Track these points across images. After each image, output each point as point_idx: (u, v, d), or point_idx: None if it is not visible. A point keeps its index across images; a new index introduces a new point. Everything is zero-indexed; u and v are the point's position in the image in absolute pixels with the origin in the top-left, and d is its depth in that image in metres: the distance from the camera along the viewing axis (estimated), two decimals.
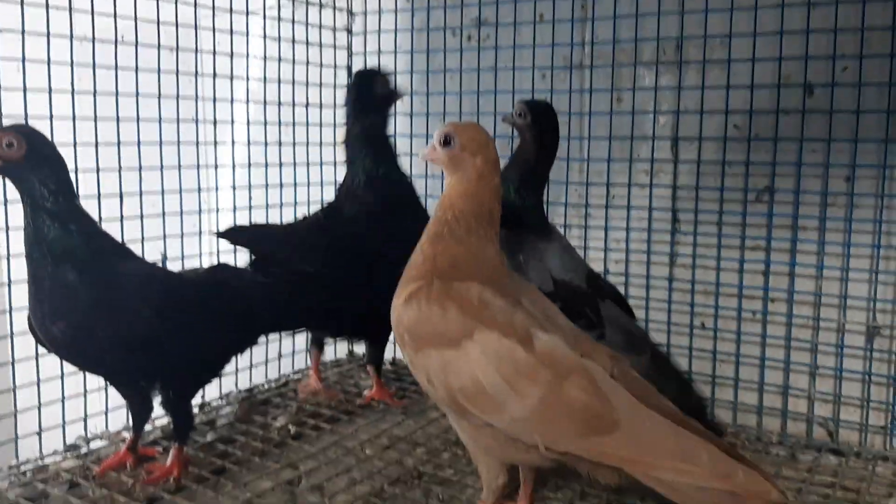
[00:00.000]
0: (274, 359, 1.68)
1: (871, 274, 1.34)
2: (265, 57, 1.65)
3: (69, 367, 1.23)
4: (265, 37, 1.65)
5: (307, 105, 1.74)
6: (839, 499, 1.12)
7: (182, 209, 1.48)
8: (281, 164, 1.69)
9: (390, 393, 1.52)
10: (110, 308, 1.07)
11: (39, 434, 1.27)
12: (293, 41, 1.70)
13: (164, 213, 1.45)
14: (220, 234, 1.34)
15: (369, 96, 1.43)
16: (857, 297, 1.36)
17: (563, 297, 1.26)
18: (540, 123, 1.33)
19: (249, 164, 1.64)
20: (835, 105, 1.34)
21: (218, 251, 1.55)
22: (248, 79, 1.61)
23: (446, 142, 0.95)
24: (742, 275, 1.44)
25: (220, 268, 1.32)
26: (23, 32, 1.23)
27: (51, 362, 1.23)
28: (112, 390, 1.26)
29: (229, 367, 1.48)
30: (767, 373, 1.43)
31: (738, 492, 0.84)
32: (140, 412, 1.21)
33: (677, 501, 0.87)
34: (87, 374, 1.29)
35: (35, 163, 1.06)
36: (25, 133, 1.06)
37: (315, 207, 1.77)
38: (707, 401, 1.39)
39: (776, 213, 1.41)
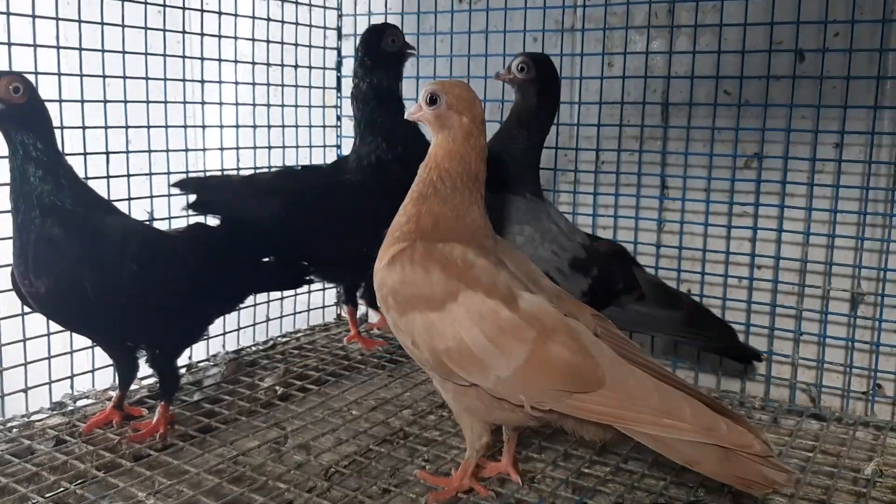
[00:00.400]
0: (262, 321, 1.68)
1: (857, 241, 1.35)
2: (254, 16, 1.63)
3: (56, 325, 1.23)
4: None
5: (296, 66, 1.73)
6: (819, 462, 1.13)
7: (169, 169, 1.47)
8: (269, 126, 1.68)
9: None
10: (94, 264, 1.06)
11: (26, 391, 1.27)
12: (282, 0, 1.68)
13: (150, 173, 1.44)
14: (175, 184, 1.31)
15: (378, 52, 1.40)
16: (843, 264, 1.36)
17: (598, 263, 1.29)
18: (544, 76, 1.31)
19: (237, 125, 1.62)
20: (825, 71, 1.33)
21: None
22: (236, 38, 1.59)
23: (432, 100, 0.94)
24: (729, 241, 1.45)
25: (198, 227, 1.31)
26: None
27: (38, 320, 1.23)
28: (99, 349, 1.26)
29: (217, 329, 1.49)
30: (752, 339, 1.44)
31: (722, 445, 0.85)
32: (126, 371, 1.21)
33: (663, 454, 0.89)
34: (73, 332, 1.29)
35: (33, 112, 1.05)
36: (27, 81, 1.05)
37: None
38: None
39: (764, 179, 1.41)
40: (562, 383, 0.88)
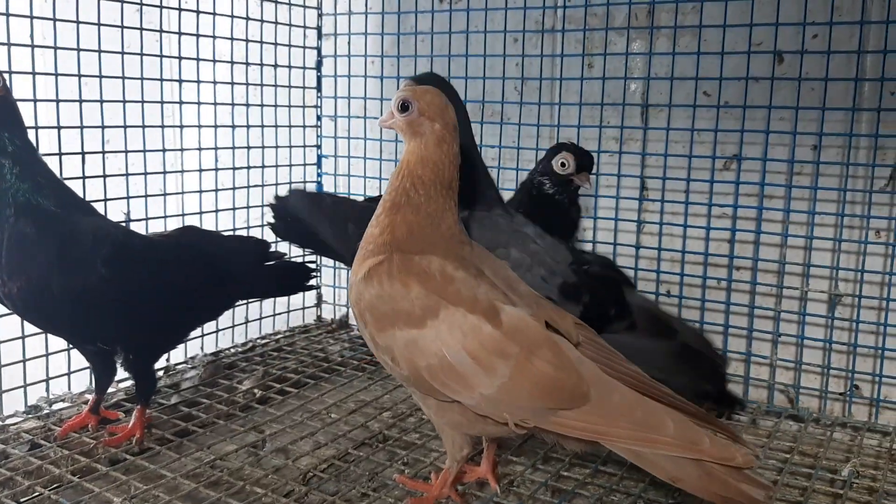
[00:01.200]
0: (241, 323, 1.67)
1: (835, 243, 1.35)
2: (233, 15, 1.62)
3: (31, 328, 1.22)
4: None
5: (276, 66, 1.72)
6: (797, 463, 1.14)
7: (146, 169, 1.45)
8: (248, 126, 1.66)
9: None
10: (64, 265, 1.05)
11: (0, 394, 1.25)
12: None
13: (127, 173, 1.43)
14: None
15: None
16: (821, 265, 1.37)
17: (589, 287, 1.20)
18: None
19: (216, 125, 1.61)
20: (804, 73, 1.34)
21: (183, 213, 1.53)
22: (214, 37, 1.57)
23: (404, 107, 0.91)
24: (708, 243, 1.45)
25: (189, 230, 1.30)
26: None
27: (13, 321, 1.22)
28: (75, 352, 1.25)
29: (195, 331, 1.48)
30: (731, 340, 1.44)
31: (704, 459, 0.84)
32: (102, 374, 1.19)
33: (645, 468, 0.88)
34: (49, 335, 1.27)
35: (11, 107, 1.04)
36: (2, 76, 1.04)
37: (283, 171, 1.76)
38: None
39: (743, 181, 1.41)
40: (546, 400, 0.86)
